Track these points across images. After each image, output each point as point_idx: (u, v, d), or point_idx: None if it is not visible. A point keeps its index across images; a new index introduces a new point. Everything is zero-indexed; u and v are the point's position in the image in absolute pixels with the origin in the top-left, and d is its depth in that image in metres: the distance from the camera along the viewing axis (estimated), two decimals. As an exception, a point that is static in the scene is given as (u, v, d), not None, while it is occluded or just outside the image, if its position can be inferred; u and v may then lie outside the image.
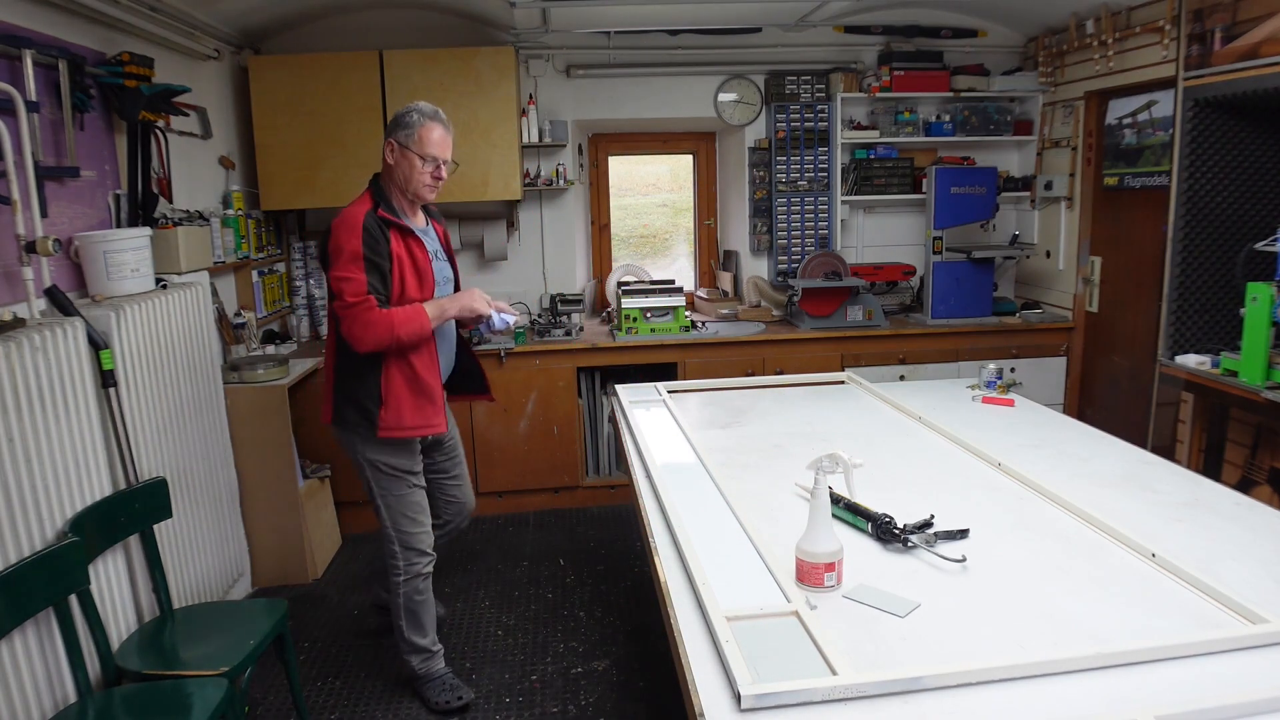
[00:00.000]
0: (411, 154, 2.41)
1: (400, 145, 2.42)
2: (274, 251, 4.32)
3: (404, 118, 2.42)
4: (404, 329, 2.34)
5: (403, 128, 2.41)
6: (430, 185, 2.46)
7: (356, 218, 2.35)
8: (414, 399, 2.46)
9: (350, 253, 2.31)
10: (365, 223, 2.34)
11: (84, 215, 2.75)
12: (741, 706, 1.28)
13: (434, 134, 2.41)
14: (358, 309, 2.30)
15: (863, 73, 4.60)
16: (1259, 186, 3.27)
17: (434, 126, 2.41)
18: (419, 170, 2.42)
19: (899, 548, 1.81)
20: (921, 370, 4.26)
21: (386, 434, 2.44)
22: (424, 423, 2.48)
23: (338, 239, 2.34)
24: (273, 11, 3.96)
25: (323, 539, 3.84)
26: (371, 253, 2.33)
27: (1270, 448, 3.06)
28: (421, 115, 2.41)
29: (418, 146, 2.41)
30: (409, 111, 2.42)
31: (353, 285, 2.31)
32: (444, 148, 2.45)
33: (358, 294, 2.30)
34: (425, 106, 2.44)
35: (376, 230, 2.35)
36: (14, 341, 1.99)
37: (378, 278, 2.35)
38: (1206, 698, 1.26)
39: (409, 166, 2.42)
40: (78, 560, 2.03)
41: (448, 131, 2.47)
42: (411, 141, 2.41)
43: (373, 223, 2.35)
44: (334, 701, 2.80)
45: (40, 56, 2.48)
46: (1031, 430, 2.65)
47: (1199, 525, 1.90)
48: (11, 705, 1.87)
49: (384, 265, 2.35)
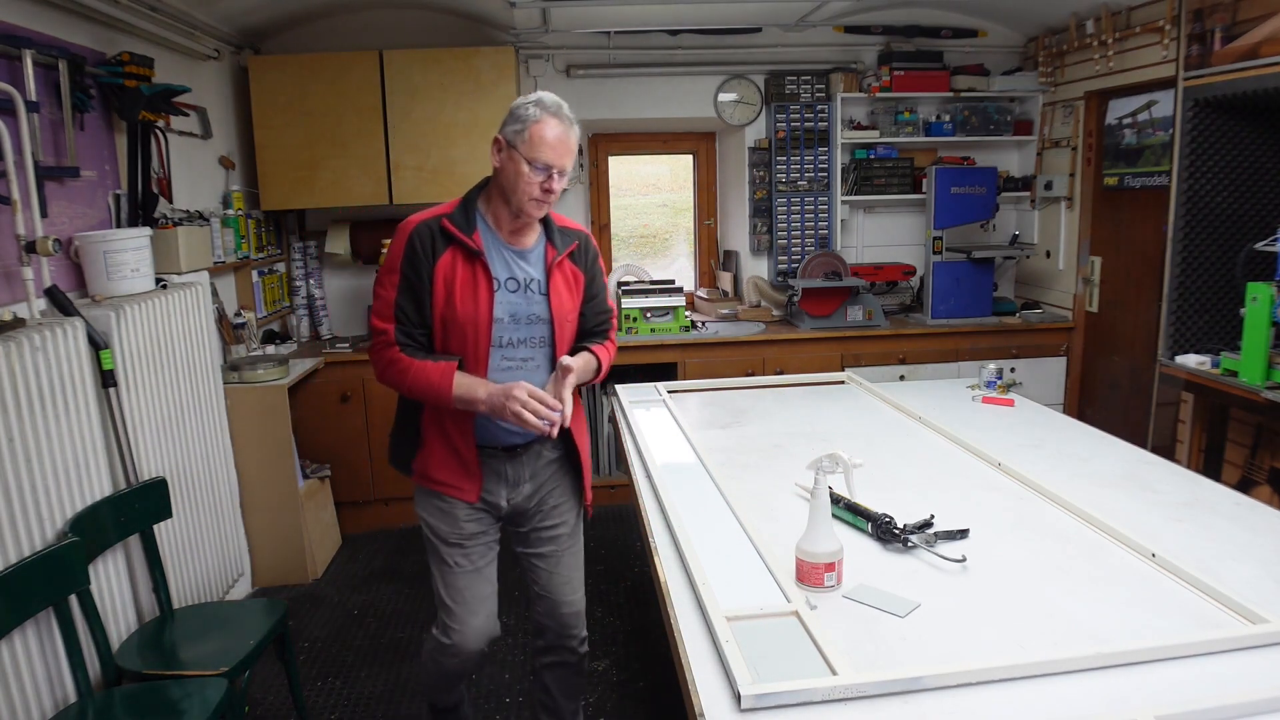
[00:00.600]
0: (518, 156, 1.89)
1: (507, 143, 1.91)
2: (274, 251, 4.32)
3: (518, 110, 1.92)
4: (418, 386, 1.92)
5: (513, 121, 1.92)
6: (538, 199, 1.92)
7: (412, 223, 1.96)
8: (444, 451, 2.03)
9: (389, 262, 1.96)
10: (416, 232, 1.93)
11: (84, 215, 2.75)
12: (741, 706, 1.28)
13: (549, 132, 1.89)
14: (376, 337, 1.96)
15: (863, 73, 4.60)
16: (1259, 186, 3.26)
17: (550, 123, 1.89)
18: (526, 178, 1.89)
19: (899, 548, 1.81)
20: (921, 370, 4.26)
21: (418, 480, 2.07)
22: (450, 482, 2.04)
23: (392, 243, 1.99)
24: (273, 11, 3.96)
25: (323, 539, 3.84)
26: (410, 269, 1.92)
27: (1270, 448, 3.06)
28: (540, 109, 1.90)
29: (526, 148, 1.88)
30: (525, 103, 1.92)
31: (380, 304, 1.95)
32: (560, 152, 1.91)
33: (381, 317, 1.95)
34: (548, 99, 1.93)
35: (426, 242, 1.92)
36: (14, 341, 1.99)
37: (411, 302, 1.93)
38: (1206, 698, 1.26)
39: (514, 172, 1.90)
40: (78, 560, 2.03)
41: (569, 132, 1.93)
42: (520, 141, 1.89)
43: (425, 232, 1.93)
44: (334, 701, 2.80)
45: (40, 56, 2.48)
46: (1031, 430, 2.65)
47: (1199, 525, 1.90)
48: (12, 705, 1.87)
49: (421, 289, 1.92)
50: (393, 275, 1.93)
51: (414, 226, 1.94)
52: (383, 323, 1.94)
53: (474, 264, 1.94)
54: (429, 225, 1.94)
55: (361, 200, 4.16)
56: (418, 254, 1.92)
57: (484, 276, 1.94)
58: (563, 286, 2.03)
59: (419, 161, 4.14)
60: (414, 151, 4.13)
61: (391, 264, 1.94)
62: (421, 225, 1.94)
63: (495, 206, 1.99)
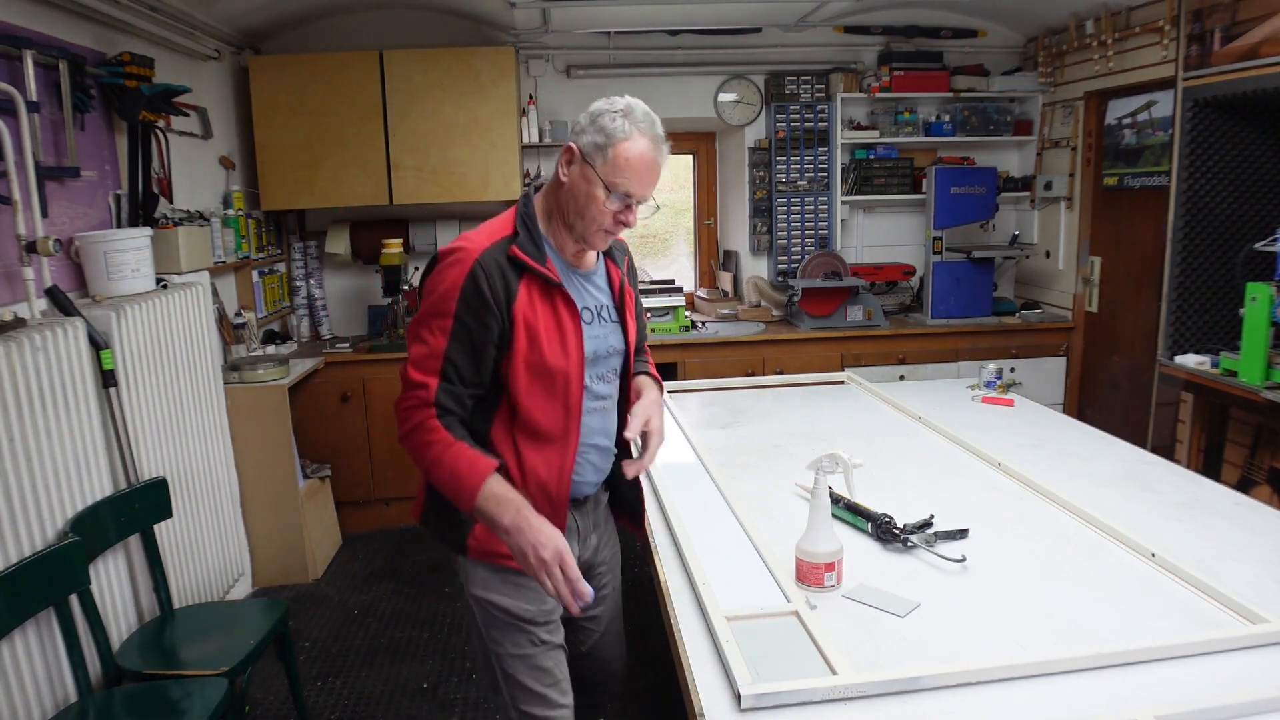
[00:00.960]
0: (595, 176, 1.54)
1: (583, 157, 1.55)
2: (274, 251, 4.32)
3: (601, 118, 1.54)
4: (439, 471, 1.51)
5: (594, 131, 1.55)
6: (608, 231, 1.60)
7: (470, 253, 1.52)
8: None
9: (438, 303, 1.52)
10: (480, 265, 1.51)
11: (84, 215, 2.75)
12: (741, 706, 1.28)
13: (637, 154, 1.54)
14: (412, 392, 1.53)
15: (863, 73, 4.60)
16: (1259, 186, 3.27)
17: (640, 143, 1.54)
18: (599, 205, 1.55)
19: (899, 548, 1.81)
20: (921, 370, 4.26)
21: (479, 556, 1.65)
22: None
23: (435, 275, 1.55)
24: (273, 11, 3.96)
25: (323, 539, 3.84)
26: (470, 315, 1.51)
27: (1270, 448, 3.06)
28: (630, 122, 1.54)
29: (607, 168, 1.53)
30: (611, 111, 1.55)
31: (422, 352, 1.53)
32: (647, 180, 1.57)
33: (422, 369, 1.52)
34: (639, 109, 1.57)
35: (496, 280, 1.52)
36: (14, 341, 1.99)
37: (467, 356, 1.53)
38: (1206, 698, 1.26)
39: (586, 194, 1.55)
40: (78, 560, 2.03)
41: (660, 154, 1.58)
42: (600, 158, 1.53)
43: (492, 267, 1.52)
44: (334, 701, 2.80)
45: (40, 56, 2.48)
46: (1031, 430, 2.65)
47: (1199, 525, 1.90)
48: (12, 705, 1.87)
49: (483, 339, 1.53)
50: (444, 319, 1.51)
51: (476, 259, 1.51)
52: (423, 376, 1.51)
53: (553, 297, 1.59)
54: (494, 257, 1.53)
55: (361, 200, 4.16)
56: (484, 297, 1.51)
57: (568, 311, 1.60)
58: (629, 309, 1.75)
59: (419, 161, 4.14)
60: (414, 151, 4.13)
61: (442, 304, 1.52)
62: (486, 257, 1.52)
63: (556, 226, 1.63)
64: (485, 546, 1.63)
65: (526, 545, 1.44)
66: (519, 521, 1.45)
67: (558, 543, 1.44)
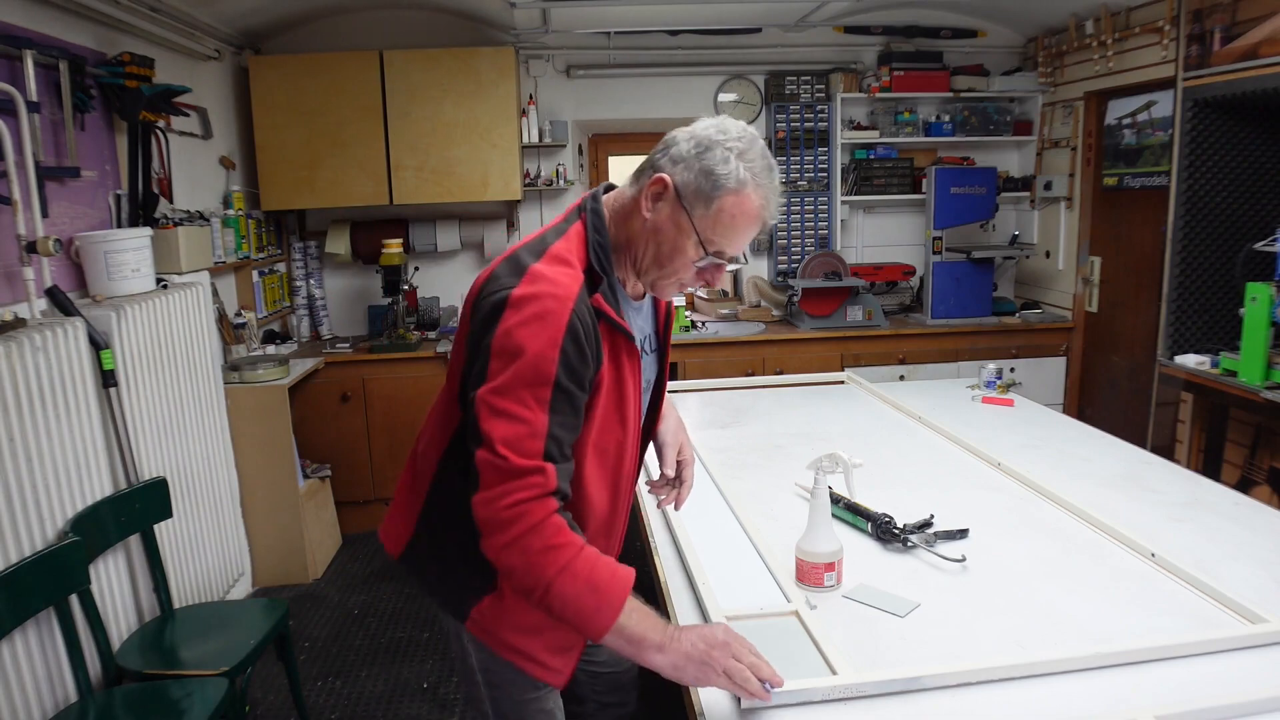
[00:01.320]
0: (689, 226, 1.26)
1: (677, 196, 1.26)
2: (274, 251, 4.32)
3: (710, 156, 1.24)
4: (575, 589, 1.18)
5: (701, 172, 1.24)
6: (683, 286, 1.35)
7: (563, 303, 1.20)
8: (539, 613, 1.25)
9: (531, 368, 1.18)
10: (576, 316, 1.21)
11: (85, 215, 2.75)
12: (741, 706, 1.28)
13: (750, 210, 1.26)
14: (519, 484, 1.17)
15: (863, 73, 4.60)
16: (1258, 186, 3.27)
17: (754, 198, 1.25)
18: (686, 259, 1.29)
19: (899, 548, 1.81)
20: (921, 370, 4.26)
21: (481, 636, 1.39)
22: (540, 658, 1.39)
23: (517, 330, 1.19)
24: (273, 12, 3.96)
25: (323, 539, 3.84)
26: (572, 380, 1.21)
27: (1270, 448, 3.06)
28: (746, 165, 1.24)
29: (709, 223, 1.26)
30: (725, 147, 1.24)
31: (517, 431, 1.18)
32: (749, 236, 1.29)
33: (524, 453, 1.17)
34: (756, 147, 1.26)
35: (591, 335, 1.24)
36: (15, 341, 1.99)
37: (568, 431, 1.22)
38: (1206, 698, 1.26)
39: (673, 246, 1.28)
40: (78, 560, 2.03)
41: (771, 207, 1.28)
42: (703, 209, 1.25)
43: (587, 320, 1.23)
44: (334, 701, 2.80)
45: (41, 57, 2.48)
46: (1031, 430, 2.65)
47: (1199, 525, 1.90)
48: (13, 705, 1.87)
49: (580, 400, 1.24)
50: (542, 389, 1.18)
51: (572, 310, 1.20)
52: (530, 460, 1.17)
53: (621, 348, 1.32)
54: (585, 304, 1.24)
55: (362, 200, 4.16)
56: (585, 356, 1.22)
57: (631, 369, 1.34)
58: (665, 333, 1.53)
59: (419, 162, 4.14)
60: (414, 152, 4.13)
61: (537, 370, 1.18)
62: (580, 307, 1.22)
63: (622, 259, 1.35)
64: (491, 628, 1.37)
65: (701, 653, 1.19)
66: (668, 638, 1.21)
67: (720, 636, 1.22)
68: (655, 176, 1.27)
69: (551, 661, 1.40)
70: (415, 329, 4.21)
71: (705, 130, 1.27)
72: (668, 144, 1.30)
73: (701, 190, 1.24)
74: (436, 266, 4.62)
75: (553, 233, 1.33)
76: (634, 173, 1.34)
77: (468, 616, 1.38)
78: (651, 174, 1.28)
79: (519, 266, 1.25)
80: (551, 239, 1.31)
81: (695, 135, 1.27)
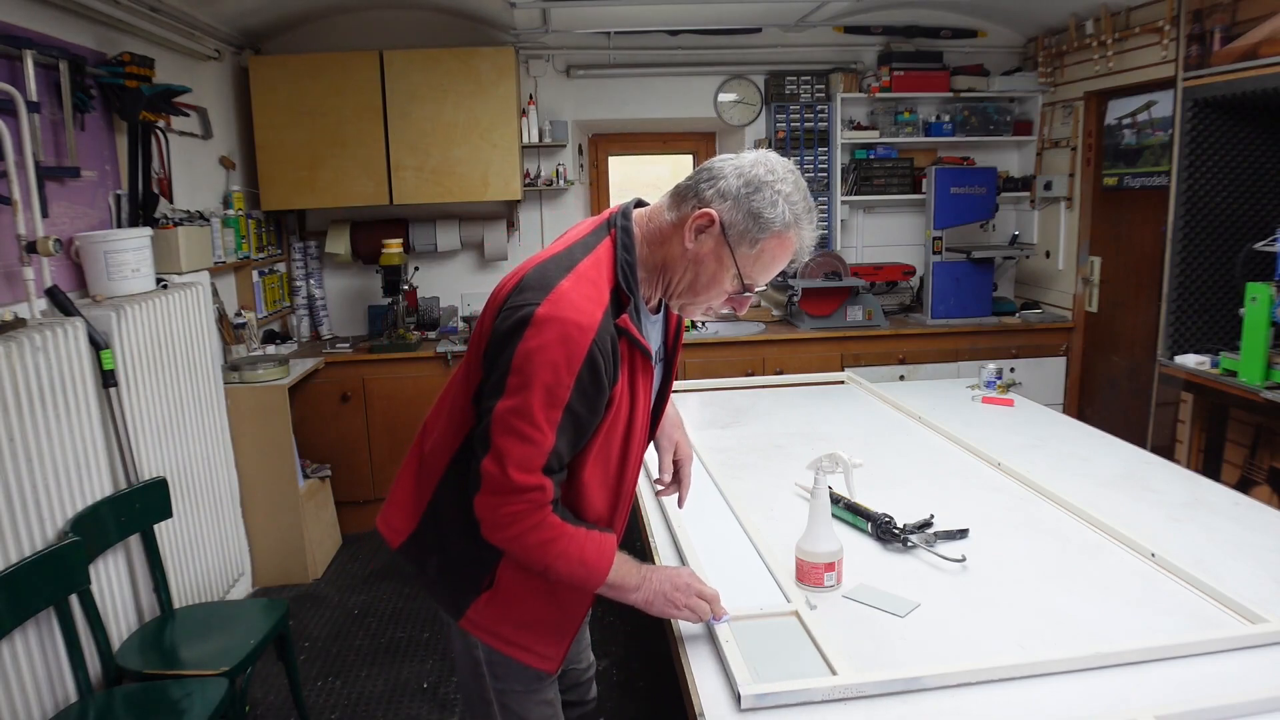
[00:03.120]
0: (730, 260, 1.32)
1: (727, 237, 1.30)
2: (274, 251, 4.32)
3: (759, 198, 1.29)
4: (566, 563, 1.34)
5: (748, 215, 1.29)
6: (712, 311, 1.43)
7: (585, 331, 1.25)
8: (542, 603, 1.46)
9: (548, 392, 1.25)
10: (597, 346, 1.26)
11: (85, 215, 2.75)
12: (741, 706, 1.28)
13: (791, 249, 1.34)
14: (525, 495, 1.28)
15: (863, 73, 4.60)
16: (1258, 186, 3.27)
17: (795, 239, 1.33)
18: (723, 289, 1.35)
19: (899, 548, 1.81)
20: (921, 370, 4.26)
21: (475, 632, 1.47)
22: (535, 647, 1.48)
23: (538, 352, 1.24)
24: (273, 11, 3.96)
25: (323, 539, 3.84)
26: (583, 405, 1.29)
27: (1270, 448, 3.06)
28: (790, 207, 1.30)
29: (750, 259, 1.32)
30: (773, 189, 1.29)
31: (527, 451, 1.26)
32: (782, 267, 1.37)
33: (526, 469, 1.27)
34: (800, 189, 1.32)
35: (610, 358, 1.29)
36: (15, 341, 1.99)
37: (571, 446, 1.32)
38: (1206, 698, 1.26)
39: (711, 276, 1.34)
40: (78, 560, 2.03)
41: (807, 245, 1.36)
42: (747, 245, 1.31)
43: (608, 346, 1.29)
44: (334, 701, 2.80)
45: (41, 57, 2.48)
46: (1031, 430, 2.65)
47: (1199, 525, 1.90)
48: (13, 705, 1.87)
49: (590, 424, 1.33)
50: (554, 411, 1.26)
51: (593, 339, 1.26)
52: (531, 477, 1.27)
53: (638, 364, 1.37)
54: (608, 330, 1.29)
55: (362, 200, 4.16)
56: (601, 383, 1.29)
57: (645, 378, 1.40)
58: (676, 341, 1.57)
59: (419, 162, 4.14)
60: (414, 152, 4.13)
61: (552, 395, 1.25)
62: (604, 334, 1.27)
63: (648, 284, 1.39)
64: (487, 624, 1.45)
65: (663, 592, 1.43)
66: (647, 576, 1.44)
67: (683, 579, 1.46)
68: (702, 211, 1.31)
69: (546, 650, 1.50)
70: (415, 329, 4.21)
71: (754, 169, 1.30)
72: (714, 176, 1.32)
73: (749, 231, 1.30)
74: (436, 266, 4.62)
75: (580, 248, 1.35)
76: (673, 197, 1.37)
77: (464, 614, 1.45)
78: (696, 205, 1.32)
79: (546, 282, 1.28)
80: (580, 255, 1.33)
81: (743, 173, 1.30)
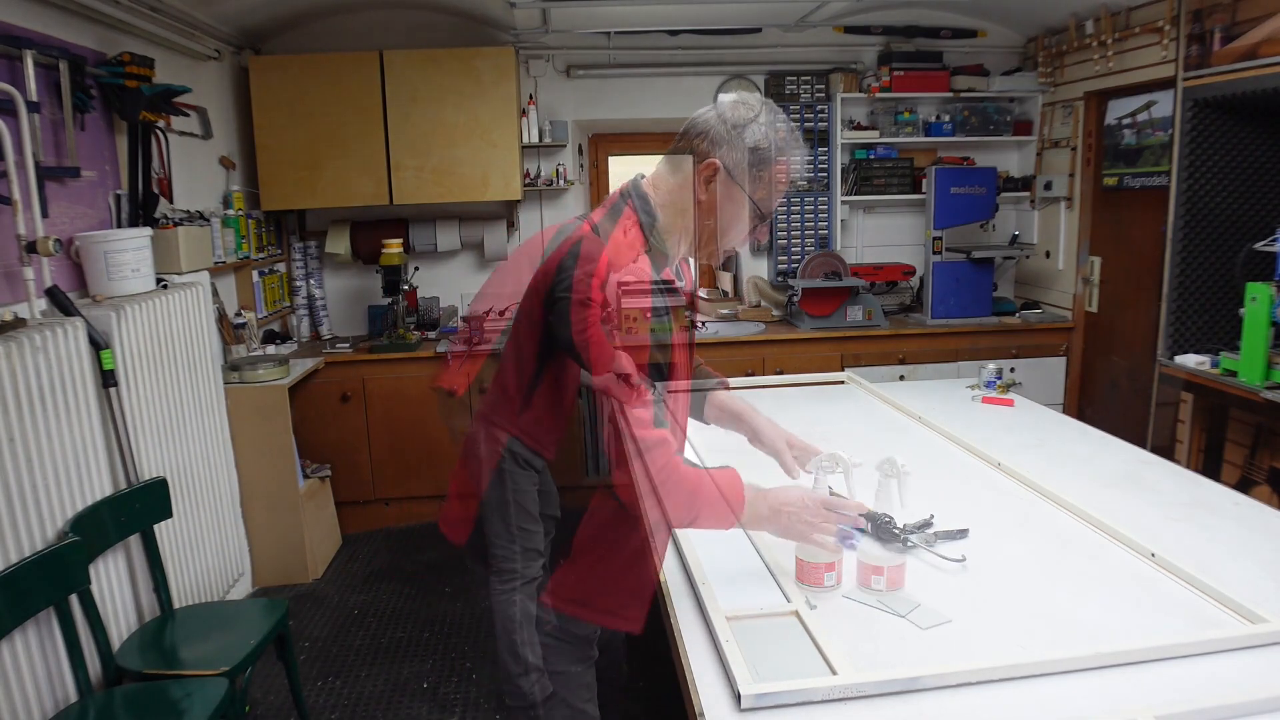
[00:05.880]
0: (741, 195, 1.41)
1: (727, 173, 1.40)
2: (274, 251, 4.32)
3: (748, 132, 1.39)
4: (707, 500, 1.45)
5: (740, 149, 1.39)
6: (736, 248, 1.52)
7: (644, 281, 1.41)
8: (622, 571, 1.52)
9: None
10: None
11: (84, 215, 2.75)
12: (741, 706, 1.28)
13: (791, 170, 1.43)
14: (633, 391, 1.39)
15: (862, 73, 4.60)
16: (1258, 186, 3.27)
17: (796, 157, 1.44)
18: (744, 225, 1.44)
19: (899, 548, 1.81)
20: (921, 370, 4.26)
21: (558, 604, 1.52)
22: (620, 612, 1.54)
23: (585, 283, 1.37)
24: (273, 12, 3.96)
25: (323, 539, 3.84)
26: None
27: (1270, 448, 3.06)
28: (789, 135, 1.43)
29: (764, 188, 1.42)
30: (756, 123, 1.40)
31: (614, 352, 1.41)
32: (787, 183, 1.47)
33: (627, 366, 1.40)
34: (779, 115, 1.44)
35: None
36: (14, 341, 1.99)
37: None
38: (1206, 698, 1.26)
39: (732, 216, 1.43)
40: (78, 560, 2.03)
41: (801, 165, 1.48)
42: (757, 178, 1.40)
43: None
44: (334, 701, 2.80)
45: (41, 57, 2.48)
46: (1031, 430, 2.65)
47: (1199, 525, 1.90)
48: (12, 704, 1.87)
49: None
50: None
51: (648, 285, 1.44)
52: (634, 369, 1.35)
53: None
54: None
55: (362, 200, 4.16)
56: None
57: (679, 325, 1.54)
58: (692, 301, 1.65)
59: (419, 162, 4.14)
60: (414, 152, 4.13)
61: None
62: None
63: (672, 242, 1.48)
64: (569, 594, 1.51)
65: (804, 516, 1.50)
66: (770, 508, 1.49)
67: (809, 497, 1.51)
68: (706, 163, 1.40)
69: (629, 613, 1.55)
70: (415, 329, 4.21)
71: (734, 111, 1.41)
72: (704, 130, 1.42)
73: (751, 166, 1.39)
74: (436, 266, 4.62)
75: (607, 220, 1.44)
76: (668, 162, 1.47)
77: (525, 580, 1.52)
78: (697, 160, 1.41)
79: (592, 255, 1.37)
80: (608, 226, 1.43)
81: (726, 118, 1.41)
